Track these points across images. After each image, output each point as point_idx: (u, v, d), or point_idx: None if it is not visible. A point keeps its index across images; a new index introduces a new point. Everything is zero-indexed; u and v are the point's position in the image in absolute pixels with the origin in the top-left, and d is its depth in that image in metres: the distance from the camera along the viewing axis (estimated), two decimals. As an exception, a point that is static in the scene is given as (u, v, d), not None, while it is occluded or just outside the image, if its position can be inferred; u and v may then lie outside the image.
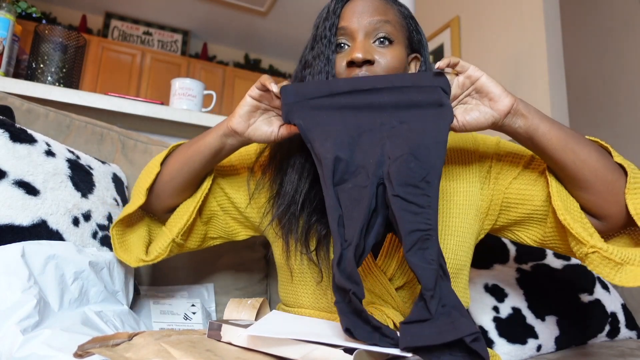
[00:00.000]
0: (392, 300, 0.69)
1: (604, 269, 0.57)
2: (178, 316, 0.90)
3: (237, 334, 0.49)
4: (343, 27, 0.71)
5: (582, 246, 0.58)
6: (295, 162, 0.73)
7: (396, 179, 0.54)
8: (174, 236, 0.74)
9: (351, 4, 0.73)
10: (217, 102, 1.59)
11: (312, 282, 0.73)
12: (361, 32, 0.70)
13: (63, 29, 1.36)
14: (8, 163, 0.71)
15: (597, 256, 0.57)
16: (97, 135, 1.04)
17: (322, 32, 0.72)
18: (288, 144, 0.74)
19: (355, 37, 0.70)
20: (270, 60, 5.21)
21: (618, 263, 0.56)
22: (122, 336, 0.49)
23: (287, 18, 4.33)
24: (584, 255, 0.58)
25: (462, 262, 0.73)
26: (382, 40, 0.70)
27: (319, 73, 0.70)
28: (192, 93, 1.43)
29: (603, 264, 0.57)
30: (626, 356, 0.89)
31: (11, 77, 1.23)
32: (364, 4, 0.72)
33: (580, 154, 0.60)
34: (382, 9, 0.72)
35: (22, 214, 0.69)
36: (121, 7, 4.45)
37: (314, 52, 0.72)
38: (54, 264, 0.66)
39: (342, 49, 0.72)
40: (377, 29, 0.70)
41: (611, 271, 0.56)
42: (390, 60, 0.69)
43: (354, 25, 0.70)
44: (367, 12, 0.71)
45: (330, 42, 0.70)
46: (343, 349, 0.42)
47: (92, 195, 0.82)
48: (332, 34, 0.70)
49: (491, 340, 0.95)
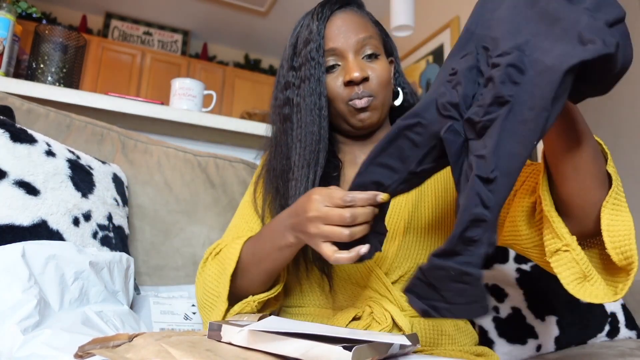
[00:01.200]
0: (389, 294, 0.70)
1: (565, 272, 0.53)
2: (178, 316, 0.90)
3: (237, 332, 0.49)
4: (332, 49, 0.74)
5: (557, 241, 0.53)
6: (298, 174, 0.72)
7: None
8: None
9: (332, 23, 0.75)
10: (217, 102, 1.59)
11: (317, 286, 0.74)
12: (351, 51, 0.74)
13: (63, 29, 1.36)
14: (8, 163, 0.71)
15: (567, 256, 0.53)
16: (97, 135, 1.04)
17: (307, 54, 0.73)
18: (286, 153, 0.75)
19: (346, 57, 0.74)
20: (270, 60, 5.20)
21: (582, 272, 0.53)
22: (123, 337, 0.49)
23: (287, 18, 4.33)
24: (554, 251, 0.54)
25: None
26: (370, 56, 0.75)
27: (311, 95, 0.72)
28: (192, 93, 1.43)
29: (567, 267, 0.53)
30: (626, 356, 0.89)
31: (11, 77, 1.23)
32: (345, 23, 0.75)
33: (591, 146, 0.53)
34: (362, 24, 0.76)
35: (23, 214, 0.69)
36: (121, 7, 4.45)
37: (301, 74, 0.73)
38: (54, 264, 0.66)
39: (333, 69, 0.74)
40: (364, 45, 0.74)
41: (571, 277, 0.53)
42: (381, 73, 0.74)
43: (343, 46, 0.74)
44: (351, 31, 0.74)
45: (320, 64, 0.73)
46: (342, 346, 0.42)
47: (92, 195, 0.82)
48: (320, 55, 0.73)
49: (491, 340, 0.95)
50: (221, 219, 1.10)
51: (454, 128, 0.46)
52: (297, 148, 0.72)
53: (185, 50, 4.75)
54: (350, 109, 0.74)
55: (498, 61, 0.42)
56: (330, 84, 0.74)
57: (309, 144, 0.71)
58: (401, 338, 0.51)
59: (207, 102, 1.57)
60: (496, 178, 0.41)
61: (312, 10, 0.77)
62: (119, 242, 0.86)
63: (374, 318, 0.67)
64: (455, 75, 0.47)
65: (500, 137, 0.41)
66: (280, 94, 0.77)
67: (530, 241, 0.62)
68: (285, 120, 0.75)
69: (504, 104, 0.42)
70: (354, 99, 0.73)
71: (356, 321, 0.68)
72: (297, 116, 0.73)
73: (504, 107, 0.41)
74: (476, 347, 0.75)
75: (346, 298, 0.72)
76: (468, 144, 0.45)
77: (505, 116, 0.41)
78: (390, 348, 0.49)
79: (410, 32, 2.06)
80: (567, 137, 0.50)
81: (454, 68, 0.47)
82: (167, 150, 1.11)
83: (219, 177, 1.14)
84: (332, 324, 0.70)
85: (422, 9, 2.81)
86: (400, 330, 0.66)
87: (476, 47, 0.46)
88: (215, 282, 0.70)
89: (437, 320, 0.71)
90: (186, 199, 1.08)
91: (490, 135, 0.42)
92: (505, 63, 0.41)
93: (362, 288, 0.71)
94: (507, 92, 0.41)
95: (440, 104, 0.47)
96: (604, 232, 0.51)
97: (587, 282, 0.52)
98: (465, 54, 0.47)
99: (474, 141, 0.44)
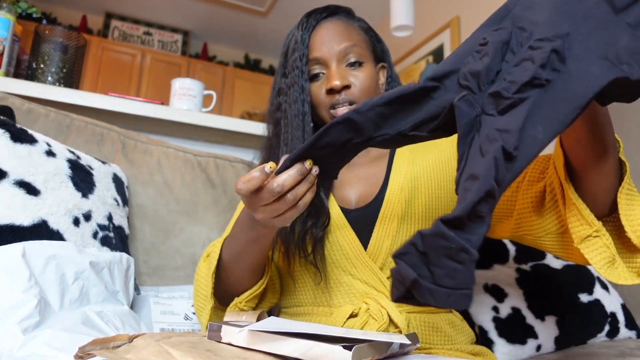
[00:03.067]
0: (384, 289, 0.71)
1: (598, 257, 0.55)
2: (178, 316, 0.90)
3: (236, 332, 0.49)
4: (316, 58, 0.77)
5: (588, 228, 0.55)
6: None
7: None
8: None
9: (317, 33, 0.78)
10: (217, 102, 1.60)
11: (311, 282, 0.75)
12: (333, 60, 0.77)
13: (63, 29, 1.36)
14: (9, 163, 0.71)
15: (598, 241, 0.55)
16: (97, 136, 1.04)
17: (293, 62, 0.77)
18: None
19: (329, 65, 0.77)
20: (270, 60, 5.20)
21: (612, 256, 0.55)
22: (123, 338, 0.49)
23: (287, 18, 4.33)
24: (584, 237, 0.55)
25: None
26: (353, 64, 0.77)
27: (295, 102, 0.75)
28: (192, 93, 1.43)
29: (599, 251, 0.55)
30: (626, 356, 0.89)
31: (11, 77, 1.24)
32: (329, 31, 0.78)
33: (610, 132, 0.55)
34: (347, 33, 0.78)
35: (23, 214, 0.69)
36: (121, 7, 4.45)
37: (288, 81, 0.77)
38: (54, 264, 0.66)
39: (317, 78, 0.78)
40: (347, 54, 0.77)
41: (602, 261, 0.55)
42: (364, 81, 0.77)
43: (326, 55, 0.77)
44: (335, 40, 0.77)
45: (303, 72, 0.76)
46: (342, 345, 0.42)
47: (92, 195, 0.82)
48: (304, 64, 0.76)
49: (491, 340, 0.95)
50: (221, 219, 1.10)
51: (469, 98, 0.44)
52: (283, 151, 0.75)
53: (185, 50, 4.75)
54: (332, 116, 0.77)
55: (540, 45, 0.41)
56: (314, 91, 0.78)
57: (294, 148, 0.74)
58: (401, 337, 0.51)
59: (207, 102, 1.57)
60: (516, 157, 0.40)
61: (300, 20, 0.80)
62: (119, 242, 0.86)
63: (370, 315, 0.68)
64: (485, 45, 0.45)
65: (527, 119, 0.40)
66: (274, 99, 0.82)
67: (543, 230, 0.63)
68: (277, 124, 0.79)
69: (538, 87, 0.41)
70: (335, 105, 0.76)
71: (353, 318, 0.69)
72: (284, 121, 0.77)
73: (538, 90, 0.41)
74: (473, 345, 0.75)
75: (342, 294, 0.72)
76: (481, 120, 0.43)
77: (537, 99, 0.41)
78: (390, 347, 0.49)
79: (410, 32, 2.06)
80: (596, 139, 0.52)
81: (485, 38, 0.45)
82: (167, 150, 1.11)
83: (219, 177, 1.14)
84: (329, 321, 0.70)
85: (422, 9, 2.81)
86: (396, 327, 0.67)
87: (513, 25, 0.45)
88: (204, 283, 0.73)
89: (433, 317, 0.71)
90: (186, 199, 1.08)
91: (516, 114, 0.41)
92: (549, 47, 0.41)
93: (357, 283, 0.72)
94: (546, 76, 0.41)
95: (462, 73, 0.45)
96: (622, 217, 0.54)
97: (615, 265, 0.55)
98: (499, 28, 0.45)
99: (493, 117, 0.42)
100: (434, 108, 0.47)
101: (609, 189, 0.55)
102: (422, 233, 0.41)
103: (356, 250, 0.72)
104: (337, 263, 0.73)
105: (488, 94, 0.43)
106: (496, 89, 0.42)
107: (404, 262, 0.42)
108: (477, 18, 2.44)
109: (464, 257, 0.39)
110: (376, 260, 0.72)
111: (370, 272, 0.71)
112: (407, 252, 0.42)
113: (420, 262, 0.41)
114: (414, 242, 0.42)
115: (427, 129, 0.49)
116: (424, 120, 0.48)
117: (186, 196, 1.08)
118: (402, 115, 0.49)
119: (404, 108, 0.49)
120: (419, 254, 0.41)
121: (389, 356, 0.50)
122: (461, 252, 0.39)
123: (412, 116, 0.49)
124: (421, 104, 0.48)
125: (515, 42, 0.44)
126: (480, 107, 0.43)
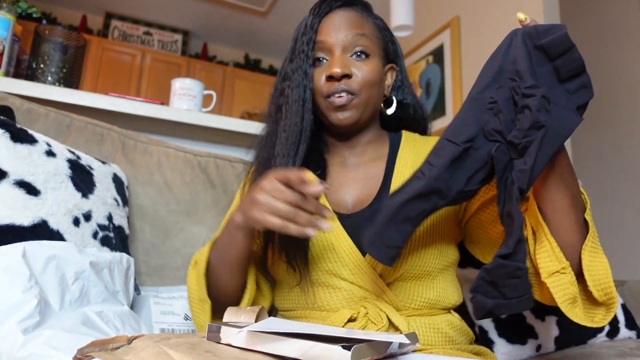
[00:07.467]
0: (384, 295, 0.69)
1: (561, 293, 0.56)
2: (178, 316, 0.90)
3: (236, 333, 0.49)
4: (321, 42, 0.74)
5: (556, 264, 0.57)
6: (279, 162, 0.74)
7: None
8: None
9: (328, 18, 0.75)
10: (217, 102, 1.59)
11: (295, 284, 0.74)
12: (339, 46, 0.74)
13: (63, 29, 1.36)
14: (9, 163, 0.71)
15: (564, 278, 0.56)
16: (97, 136, 1.04)
17: (300, 46, 0.75)
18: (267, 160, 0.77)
19: (333, 52, 0.74)
20: (270, 60, 5.20)
21: (574, 294, 0.56)
22: (122, 339, 0.49)
23: (287, 18, 4.33)
24: (552, 272, 0.57)
25: (453, 258, 0.76)
26: (359, 54, 0.74)
27: (297, 87, 0.73)
28: (192, 93, 1.43)
29: (563, 287, 0.56)
30: (626, 356, 0.89)
31: (11, 77, 1.24)
32: (341, 18, 0.75)
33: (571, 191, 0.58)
34: (358, 23, 0.76)
35: (23, 214, 0.69)
36: (121, 7, 4.45)
37: (293, 66, 0.75)
38: (54, 264, 0.66)
39: (321, 63, 0.75)
40: (354, 42, 0.74)
41: (564, 297, 0.56)
42: (367, 73, 0.74)
43: (332, 40, 0.74)
44: (344, 26, 0.74)
45: (308, 57, 0.74)
46: (341, 345, 0.42)
47: (92, 195, 0.82)
48: (310, 48, 0.74)
49: (491, 341, 0.95)
50: (221, 219, 1.10)
51: (502, 149, 0.55)
52: (281, 137, 0.74)
53: (185, 50, 4.76)
54: (328, 105, 0.74)
55: (531, 92, 0.52)
56: (315, 77, 0.75)
57: (291, 135, 0.72)
58: (400, 337, 0.51)
59: (207, 102, 1.57)
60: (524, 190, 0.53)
61: (313, 5, 0.78)
62: (119, 242, 0.86)
63: (369, 319, 0.67)
64: (495, 103, 0.55)
65: (537, 156, 0.52)
66: (279, 84, 0.79)
67: (492, 243, 0.71)
68: (278, 110, 0.77)
69: (539, 128, 0.52)
70: (333, 94, 0.73)
71: (352, 323, 0.67)
72: (285, 107, 0.75)
73: (540, 131, 0.51)
74: (473, 345, 0.74)
75: (340, 299, 0.70)
76: (512, 163, 0.55)
77: (541, 139, 0.51)
78: (390, 347, 0.49)
79: (410, 32, 2.06)
80: (552, 179, 0.56)
81: (492, 97, 0.56)
82: (167, 150, 1.11)
83: (219, 177, 1.14)
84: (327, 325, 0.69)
85: (422, 9, 2.81)
86: (397, 330, 0.66)
87: (507, 78, 0.55)
88: (196, 288, 0.73)
89: (433, 319, 0.71)
90: (186, 199, 1.08)
91: (529, 154, 0.52)
92: (539, 94, 0.51)
93: (356, 289, 0.70)
94: (543, 119, 0.51)
95: (486, 130, 0.56)
96: (585, 271, 0.57)
97: (575, 304, 0.57)
98: (500, 86, 0.55)
99: (517, 160, 0.54)
100: (473, 163, 0.57)
101: (573, 244, 0.58)
102: (486, 268, 0.55)
103: (354, 258, 0.69)
104: (334, 271, 0.70)
105: (507, 143, 0.55)
106: (510, 139, 0.54)
107: (480, 294, 0.56)
108: (477, 18, 2.44)
109: (520, 273, 0.53)
110: (376, 267, 0.69)
111: (369, 280, 0.69)
112: (479, 285, 0.55)
113: (491, 289, 0.55)
114: (482, 276, 0.55)
115: (475, 182, 0.58)
116: (472, 174, 0.58)
117: (186, 196, 1.08)
118: (456, 175, 0.58)
119: (454, 166, 0.58)
120: (489, 283, 0.55)
121: (388, 356, 0.50)
122: (518, 270, 0.53)
123: (462, 172, 0.58)
124: (465, 161, 0.57)
125: (514, 92, 0.55)
126: (508, 153, 0.55)
